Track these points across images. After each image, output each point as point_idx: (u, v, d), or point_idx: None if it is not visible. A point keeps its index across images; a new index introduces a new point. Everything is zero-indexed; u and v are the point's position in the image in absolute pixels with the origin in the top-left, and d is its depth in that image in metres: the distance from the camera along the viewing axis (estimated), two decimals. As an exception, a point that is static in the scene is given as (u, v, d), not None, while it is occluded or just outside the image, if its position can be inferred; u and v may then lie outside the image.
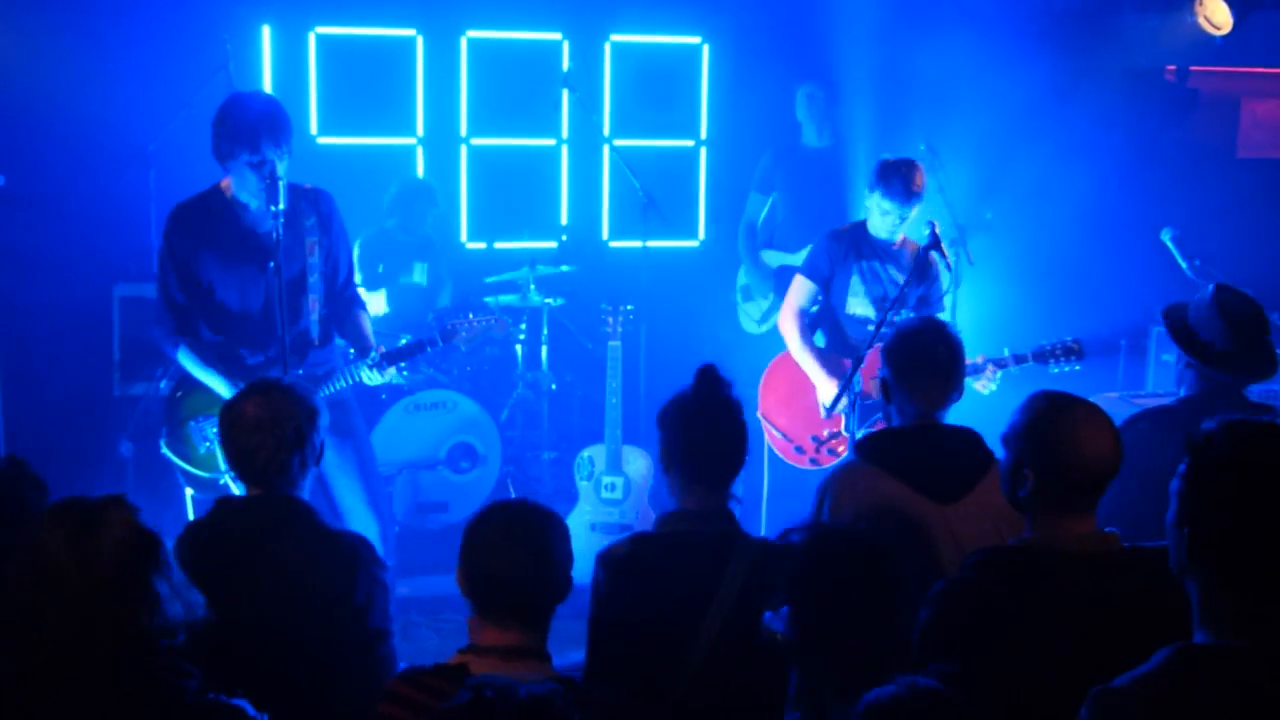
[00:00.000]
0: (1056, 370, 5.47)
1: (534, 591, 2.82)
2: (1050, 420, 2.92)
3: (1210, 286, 4.35)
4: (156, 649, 2.49)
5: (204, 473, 5.06)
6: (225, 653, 3.20)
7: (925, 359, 3.73)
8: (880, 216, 5.73)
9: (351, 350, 5.32)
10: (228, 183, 4.96)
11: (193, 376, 5.03)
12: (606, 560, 3.38)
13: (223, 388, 4.89)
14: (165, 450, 5.11)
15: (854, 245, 5.85)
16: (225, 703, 2.55)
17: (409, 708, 2.73)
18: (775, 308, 7.32)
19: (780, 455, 5.96)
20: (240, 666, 3.15)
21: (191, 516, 5.23)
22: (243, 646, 3.17)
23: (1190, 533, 2.22)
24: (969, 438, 3.67)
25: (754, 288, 7.61)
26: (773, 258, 7.48)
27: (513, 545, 2.80)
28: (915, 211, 5.70)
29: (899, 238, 5.77)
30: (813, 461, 5.73)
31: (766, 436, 5.99)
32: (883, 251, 5.81)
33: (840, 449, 5.65)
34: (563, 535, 2.91)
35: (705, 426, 3.42)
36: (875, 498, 3.56)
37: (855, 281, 5.85)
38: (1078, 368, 5.48)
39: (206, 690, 2.53)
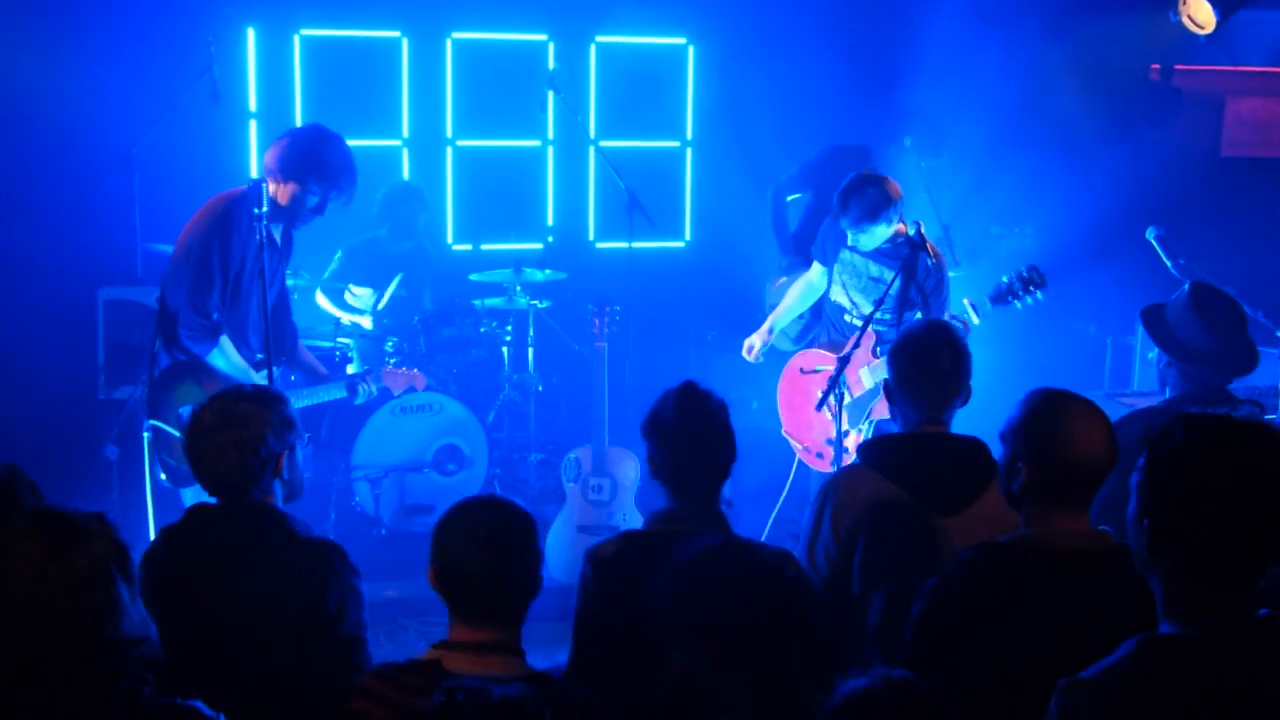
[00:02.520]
0: (1021, 306, 5.43)
1: (502, 589, 2.82)
2: (1045, 414, 2.93)
3: (1186, 285, 4.37)
4: (116, 659, 2.48)
5: None
6: (198, 662, 3.18)
7: (927, 364, 3.68)
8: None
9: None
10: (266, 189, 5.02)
11: (189, 367, 5.12)
12: (594, 557, 3.38)
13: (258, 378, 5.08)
14: (154, 421, 5.11)
15: (842, 235, 5.91)
16: (181, 704, 2.55)
17: (382, 704, 2.74)
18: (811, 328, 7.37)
19: (809, 465, 5.98)
20: (213, 676, 3.13)
21: (151, 519, 5.25)
22: (216, 656, 3.17)
23: (1150, 525, 2.25)
24: (975, 448, 3.62)
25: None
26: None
27: (480, 543, 2.79)
28: (884, 228, 5.67)
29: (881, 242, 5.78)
30: (833, 464, 5.69)
31: (796, 452, 6.05)
32: (875, 251, 5.83)
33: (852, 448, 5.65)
34: (530, 532, 2.89)
35: (687, 443, 3.43)
36: (876, 503, 3.55)
37: (837, 269, 5.98)
38: (1041, 297, 5.39)
39: (160, 695, 2.52)
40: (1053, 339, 7.79)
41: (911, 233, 5.45)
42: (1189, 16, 7.37)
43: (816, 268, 6.23)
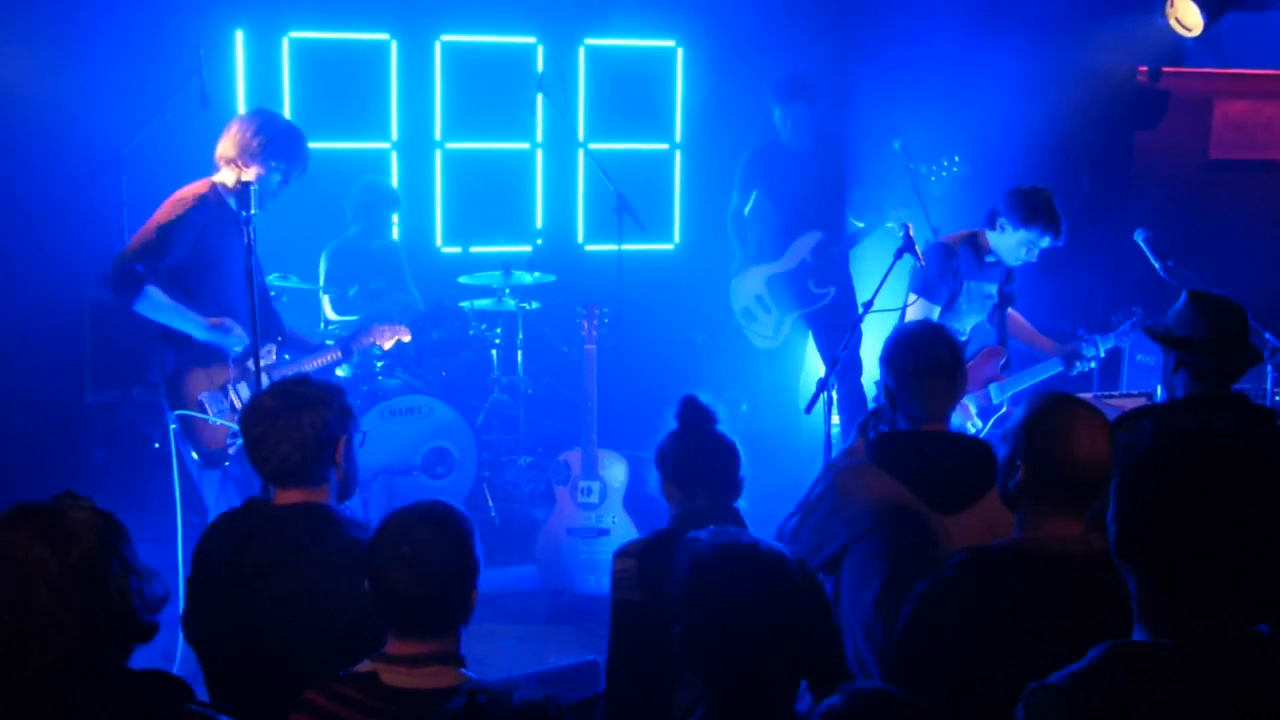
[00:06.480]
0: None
1: (431, 605, 2.75)
2: (1048, 416, 2.93)
3: (1184, 293, 4.38)
4: (149, 633, 2.42)
5: (228, 423, 5.16)
6: (238, 658, 3.20)
7: (930, 361, 3.69)
8: (1018, 246, 5.70)
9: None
10: (219, 180, 5.25)
11: (194, 359, 5.18)
12: (630, 553, 3.46)
13: (197, 329, 5.13)
14: (178, 411, 5.15)
15: (965, 263, 5.86)
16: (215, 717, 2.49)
17: (318, 716, 2.71)
18: (783, 321, 7.34)
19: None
20: (252, 669, 3.17)
21: (179, 511, 5.25)
22: (256, 653, 3.17)
23: (1117, 530, 2.23)
24: (980, 449, 3.63)
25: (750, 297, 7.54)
26: (761, 271, 7.42)
27: (407, 560, 2.74)
28: None
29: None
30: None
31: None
32: (986, 269, 5.87)
33: None
34: (463, 546, 2.81)
35: (700, 464, 3.56)
36: (881, 498, 3.57)
37: (962, 300, 5.92)
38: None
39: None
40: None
41: (901, 235, 5.44)
42: (1176, 19, 7.40)
43: (928, 309, 5.86)
